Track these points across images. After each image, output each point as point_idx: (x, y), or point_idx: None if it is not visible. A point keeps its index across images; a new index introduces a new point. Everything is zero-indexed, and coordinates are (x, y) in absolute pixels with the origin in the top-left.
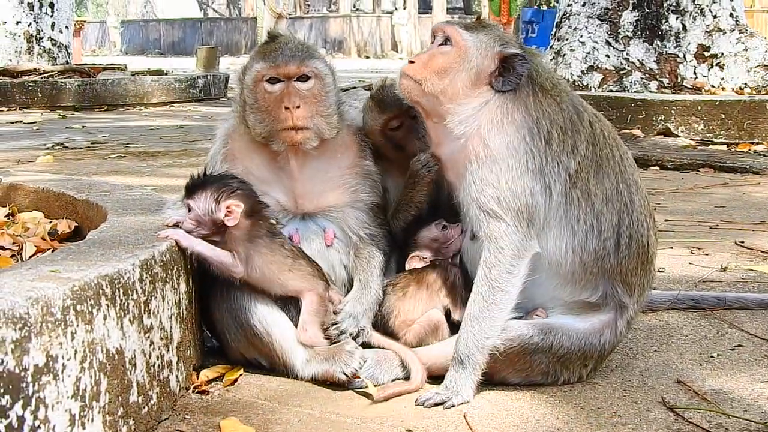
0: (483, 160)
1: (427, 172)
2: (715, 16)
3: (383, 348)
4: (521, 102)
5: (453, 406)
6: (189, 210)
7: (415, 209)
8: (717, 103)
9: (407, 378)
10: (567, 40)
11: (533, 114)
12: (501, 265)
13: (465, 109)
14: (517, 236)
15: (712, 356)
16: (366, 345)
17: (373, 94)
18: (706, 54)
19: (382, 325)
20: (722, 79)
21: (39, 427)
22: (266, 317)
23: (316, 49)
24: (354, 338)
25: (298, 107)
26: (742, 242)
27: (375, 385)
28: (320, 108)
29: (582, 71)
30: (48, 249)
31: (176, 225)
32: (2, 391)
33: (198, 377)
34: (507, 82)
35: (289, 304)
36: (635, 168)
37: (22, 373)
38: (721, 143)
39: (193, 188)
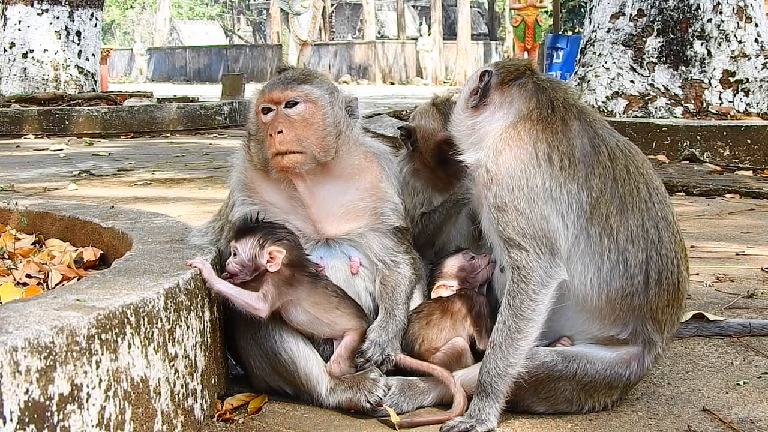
0: (488, 186)
1: (462, 204)
2: (740, 42)
3: (422, 371)
4: (516, 129)
5: None
6: (234, 254)
7: (438, 220)
8: (743, 128)
9: (433, 405)
10: (591, 66)
11: (524, 138)
12: (524, 294)
13: (463, 132)
14: (540, 264)
15: (738, 384)
16: (392, 372)
17: (437, 102)
18: (732, 79)
19: (405, 352)
20: (748, 104)
21: None
22: (291, 345)
23: (319, 75)
24: (378, 366)
25: (280, 132)
26: None
27: (398, 413)
28: (312, 132)
29: (607, 97)
30: (74, 277)
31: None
32: (27, 420)
33: (222, 405)
34: (479, 97)
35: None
36: (666, 203)
37: (47, 402)
38: (747, 169)
39: (241, 233)
